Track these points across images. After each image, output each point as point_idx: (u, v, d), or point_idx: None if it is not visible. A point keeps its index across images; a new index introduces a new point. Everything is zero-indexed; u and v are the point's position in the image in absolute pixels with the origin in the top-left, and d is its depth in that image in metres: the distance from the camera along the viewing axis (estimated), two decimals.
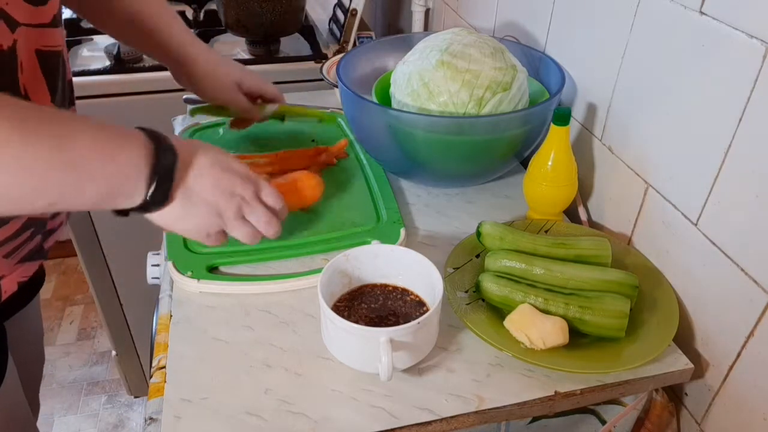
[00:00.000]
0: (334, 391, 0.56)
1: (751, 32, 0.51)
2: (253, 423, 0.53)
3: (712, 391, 0.61)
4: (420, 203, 0.82)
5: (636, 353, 0.57)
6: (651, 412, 0.61)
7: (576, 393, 0.56)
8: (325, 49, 1.32)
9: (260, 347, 0.60)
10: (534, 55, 0.86)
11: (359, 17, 1.27)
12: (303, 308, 0.64)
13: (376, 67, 0.92)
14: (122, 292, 1.41)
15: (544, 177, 0.72)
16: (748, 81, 0.52)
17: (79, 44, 1.35)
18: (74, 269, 2.14)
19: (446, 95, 0.73)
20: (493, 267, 0.64)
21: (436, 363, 0.59)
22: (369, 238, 0.72)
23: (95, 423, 1.66)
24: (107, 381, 1.78)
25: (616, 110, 0.73)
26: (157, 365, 0.58)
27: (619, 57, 0.70)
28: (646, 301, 0.62)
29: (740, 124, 0.53)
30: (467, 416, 0.54)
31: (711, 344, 0.61)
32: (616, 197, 0.75)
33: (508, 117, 0.74)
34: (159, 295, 0.67)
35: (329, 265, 0.59)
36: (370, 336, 0.52)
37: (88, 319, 1.99)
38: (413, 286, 0.63)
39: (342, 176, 0.85)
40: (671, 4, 0.60)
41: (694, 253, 0.61)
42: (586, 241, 0.66)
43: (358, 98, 0.75)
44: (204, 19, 1.46)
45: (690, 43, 0.58)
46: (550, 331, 0.56)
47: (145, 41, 0.80)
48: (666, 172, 0.65)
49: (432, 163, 0.78)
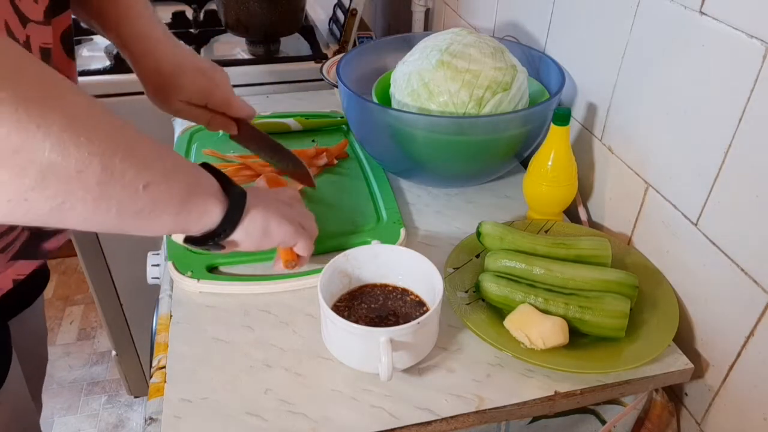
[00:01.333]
0: (334, 391, 0.56)
1: (751, 32, 0.51)
2: (253, 423, 0.53)
3: (712, 391, 0.61)
4: (420, 203, 0.82)
5: (636, 353, 0.57)
6: (651, 412, 0.61)
7: (576, 393, 0.56)
8: (325, 49, 1.32)
9: (260, 347, 0.60)
10: (534, 55, 0.86)
11: (359, 17, 1.27)
12: (303, 308, 0.64)
13: (376, 67, 0.92)
14: (122, 292, 1.41)
15: (544, 177, 0.72)
16: (748, 81, 0.52)
17: (79, 44, 1.35)
18: (74, 269, 2.14)
19: (446, 95, 0.73)
20: (493, 267, 0.64)
21: (436, 363, 0.59)
22: (369, 238, 0.72)
23: (95, 423, 1.66)
24: (107, 381, 1.78)
25: (616, 110, 0.72)
26: (157, 365, 0.58)
27: (619, 57, 0.70)
28: (646, 301, 0.62)
29: (740, 124, 0.53)
30: (467, 416, 0.54)
31: (711, 344, 0.61)
32: (616, 197, 0.75)
33: (508, 117, 0.74)
34: (159, 295, 0.67)
35: (329, 265, 0.59)
36: (370, 336, 0.52)
37: (88, 319, 1.99)
38: (413, 286, 0.63)
39: (342, 176, 0.85)
40: (671, 4, 0.60)
41: (694, 253, 0.61)
42: (586, 241, 0.66)
43: (358, 98, 0.75)
44: (204, 19, 1.46)
45: (690, 43, 0.58)
46: (550, 331, 0.56)
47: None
48: (666, 172, 0.65)
49: (432, 163, 0.78)
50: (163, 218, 0.49)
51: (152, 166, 0.46)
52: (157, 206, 0.48)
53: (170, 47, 0.72)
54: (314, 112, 1.02)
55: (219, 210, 0.53)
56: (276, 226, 0.59)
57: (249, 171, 0.84)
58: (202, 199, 0.52)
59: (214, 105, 0.75)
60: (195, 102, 0.74)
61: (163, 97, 0.73)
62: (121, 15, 0.70)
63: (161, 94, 0.73)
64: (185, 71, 0.72)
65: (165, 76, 0.72)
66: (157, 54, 0.71)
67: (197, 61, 0.74)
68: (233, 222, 0.55)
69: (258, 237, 0.58)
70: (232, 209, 0.54)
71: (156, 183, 0.47)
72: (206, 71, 0.74)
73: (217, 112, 0.75)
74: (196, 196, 0.51)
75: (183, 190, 0.50)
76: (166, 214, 0.49)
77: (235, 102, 0.75)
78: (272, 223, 0.58)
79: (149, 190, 0.46)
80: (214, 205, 0.53)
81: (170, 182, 0.48)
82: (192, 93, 0.73)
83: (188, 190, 0.50)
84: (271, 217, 0.58)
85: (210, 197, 0.53)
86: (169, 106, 0.74)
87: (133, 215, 0.47)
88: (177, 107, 0.74)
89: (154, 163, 0.47)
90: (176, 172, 0.49)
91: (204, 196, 0.52)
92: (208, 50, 1.34)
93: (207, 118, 0.76)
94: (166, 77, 0.72)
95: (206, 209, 0.53)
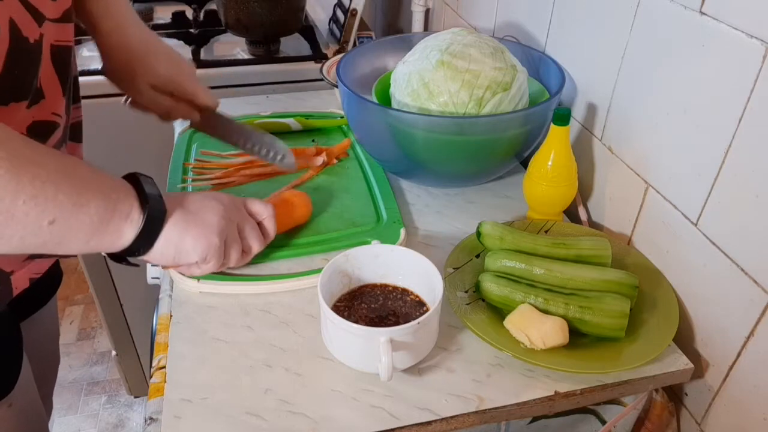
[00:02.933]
0: (334, 391, 0.56)
1: (751, 32, 0.51)
2: (253, 423, 0.53)
3: (712, 391, 0.61)
4: (420, 203, 0.82)
5: (636, 353, 0.57)
6: (651, 412, 0.61)
7: (576, 393, 0.56)
8: (325, 49, 1.32)
9: (260, 347, 0.60)
10: (534, 55, 0.86)
11: (359, 17, 1.27)
12: (303, 308, 0.64)
13: (376, 67, 0.92)
14: (122, 292, 1.41)
15: (544, 177, 0.72)
16: (748, 81, 0.52)
17: (79, 44, 1.35)
18: (74, 269, 2.14)
19: (446, 95, 0.73)
20: (493, 267, 0.64)
21: (436, 363, 0.59)
22: (369, 238, 0.72)
23: (95, 423, 1.66)
24: (107, 381, 1.78)
25: (616, 110, 0.72)
26: (157, 365, 0.58)
27: (619, 57, 0.70)
28: (646, 301, 0.62)
29: (740, 124, 0.53)
30: (467, 416, 0.54)
31: (711, 344, 0.61)
32: (616, 197, 0.75)
33: (508, 117, 0.74)
34: (159, 295, 0.67)
35: (329, 265, 0.59)
36: (370, 336, 0.52)
37: (88, 319, 1.99)
38: (413, 286, 0.63)
39: (342, 176, 0.85)
40: (671, 4, 0.60)
41: (694, 253, 0.61)
42: (586, 241, 0.66)
43: (358, 98, 0.75)
44: (204, 19, 1.46)
45: (690, 43, 0.58)
46: (550, 331, 0.56)
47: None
48: (666, 172, 0.65)
49: (432, 163, 0.78)
50: (73, 246, 0.50)
51: (61, 202, 0.46)
52: (64, 238, 0.48)
53: (141, 29, 0.73)
54: (314, 112, 1.02)
55: (133, 232, 0.53)
56: (191, 244, 0.58)
57: (247, 171, 0.84)
58: (115, 224, 0.51)
59: (182, 93, 0.75)
60: (161, 87, 0.73)
61: (127, 77, 0.73)
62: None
63: (126, 72, 0.72)
64: (157, 55, 0.73)
65: (134, 55, 0.71)
66: (128, 31, 0.71)
67: (168, 49, 0.75)
68: (149, 241, 0.55)
69: (171, 254, 0.58)
70: (146, 229, 0.54)
71: (63, 218, 0.47)
72: (176, 60, 0.75)
73: (181, 99, 0.75)
74: (110, 222, 0.51)
75: (95, 218, 0.49)
76: (74, 242, 0.49)
77: (201, 91, 0.76)
78: (187, 240, 0.58)
79: (55, 225, 0.46)
80: (129, 228, 0.53)
81: (79, 215, 0.48)
82: (161, 78, 0.73)
83: (100, 217, 0.50)
84: (188, 235, 0.58)
85: (124, 221, 0.52)
86: (132, 86, 0.73)
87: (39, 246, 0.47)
88: (140, 88, 0.73)
89: (64, 198, 0.46)
90: (89, 203, 0.49)
91: (118, 221, 0.52)
92: (208, 50, 1.34)
93: (167, 106, 0.75)
94: (135, 56, 0.71)
95: (120, 233, 0.52)
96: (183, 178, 0.83)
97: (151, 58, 0.72)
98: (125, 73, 0.73)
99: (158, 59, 0.73)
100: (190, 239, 0.58)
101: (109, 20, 0.71)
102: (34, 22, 0.51)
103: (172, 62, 0.74)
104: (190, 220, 0.58)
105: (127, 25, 0.71)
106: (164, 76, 0.73)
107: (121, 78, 0.74)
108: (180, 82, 0.74)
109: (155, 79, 0.73)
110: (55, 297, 0.83)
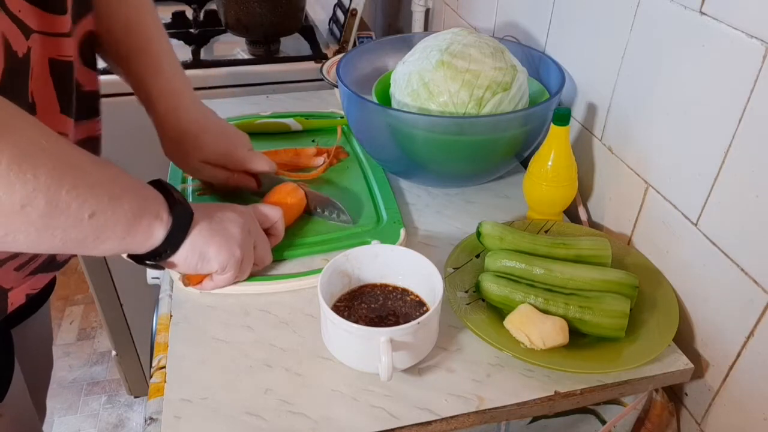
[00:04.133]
0: (334, 391, 0.56)
1: (751, 32, 0.51)
2: (253, 423, 0.53)
3: (712, 391, 0.61)
4: (420, 203, 0.82)
5: (636, 353, 0.57)
6: (651, 412, 0.61)
7: (576, 393, 0.56)
8: (325, 49, 1.32)
9: (260, 347, 0.60)
10: (534, 55, 0.86)
11: (359, 17, 1.27)
12: (303, 308, 0.64)
13: (376, 67, 0.92)
14: (122, 292, 1.41)
15: (544, 177, 0.72)
16: (748, 81, 0.52)
17: None
18: (74, 269, 2.14)
19: (446, 95, 0.73)
20: (493, 267, 0.64)
21: (436, 363, 0.59)
22: (369, 238, 0.72)
23: (95, 423, 1.66)
24: (107, 381, 1.78)
25: (616, 110, 0.72)
26: (157, 365, 0.58)
27: (619, 57, 0.70)
28: (646, 301, 0.62)
29: (740, 124, 0.53)
30: (467, 416, 0.54)
31: (711, 344, 0.61)
32: (616, 197, 0.75)
33: (508, 117, 0.74)
34: (159, 295, 0.67)
35: (329, 265, 0.59)
36: (370, 336, 0.52)
37: (88, 319, 1.99)
38: (413, 286, 0.63)
39: (342, 176, 0.85)
40: (671, 4, 0.60)
41: (694, 253, 0.61)
42: (586, 241, 0.66)
43: (358, 98, 0.75)
44: (204, 19, 1.46)
45: (690, 43, 0.58)
46: (550, 331, 0.56)
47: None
48: (666, 172, 0.65)
49: (432, 163, 0.78)
50: (108, 243, 0.51)
51: (98, 195, 0.48)
52: (102, 232, 0.49)
53: (196, 107, 0.74)
54: (314, 112, 1.02)
55: (163, 231, 0.54)
56: (215, 252, 0.59)
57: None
58: (147, 221, 0.53)
59: (234, 164, 0.76)
60: (214, 162, 0.75)
61: (181, 155, 0.75)
62: (150, 67, 0.71)
63: (179, 151, 0.75)
64: (208, 132, 0.74)
65: (187, 135, 0.73)
66: (181, 113, 0.73)
67: (220, 123, 0.76)
68: (176, 244, 0.56)
69: (195, 261, 0.59)
70: (175, 230, 0.55)
71: (102, 211, 0.48)
72: (226, 132, 0.76)
73: (236, 170, 0.77)
74: (142, 218, 0.52)
75: (129, 213, 0.51)
76: (111, 239, 0.50)
77: (255, 158, 0.77)
78: (212, 248, 0.59)
79: (95, 218, 0.47)
80: (159, 227, 0.54)
81: (116, 209, 0.49)
82: (213, 154, 0.74)
83: (134, 213, 0.51)
84: (213, 243, 0.59)
85: (155, 219, 0.54)
86: (187, 163, 0.76)
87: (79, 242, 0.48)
88: (195, 166, 0.75)
89: (101, 190, 0.48)
90: (123, 197, 0.50)
91: (149, 218, 0.53)
92: (207, 50, 1.34)
93: (225, 176, 0.77)
94: (188, 136, 0.73)
95: (151, 232, 0.54)
96: (183, 177, 0.83)
97: (201, 137, 0.74)
98: (177, 152, 0.75)
99: (210, 137, 0.74)
100: (214, 247, 0.59)
101: (165, 102, 0.72)
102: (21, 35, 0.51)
103: (221, 136, 0.75)
104: (214, 229, 0.59)
105: (182, 108, 0.73)
106: (216, 152, 0.75)
107: (174, 156, 0.76)
108: (231, 153, 0.75)
109: (207, 157, 0.74)
110: (48, 302, 0.83)
